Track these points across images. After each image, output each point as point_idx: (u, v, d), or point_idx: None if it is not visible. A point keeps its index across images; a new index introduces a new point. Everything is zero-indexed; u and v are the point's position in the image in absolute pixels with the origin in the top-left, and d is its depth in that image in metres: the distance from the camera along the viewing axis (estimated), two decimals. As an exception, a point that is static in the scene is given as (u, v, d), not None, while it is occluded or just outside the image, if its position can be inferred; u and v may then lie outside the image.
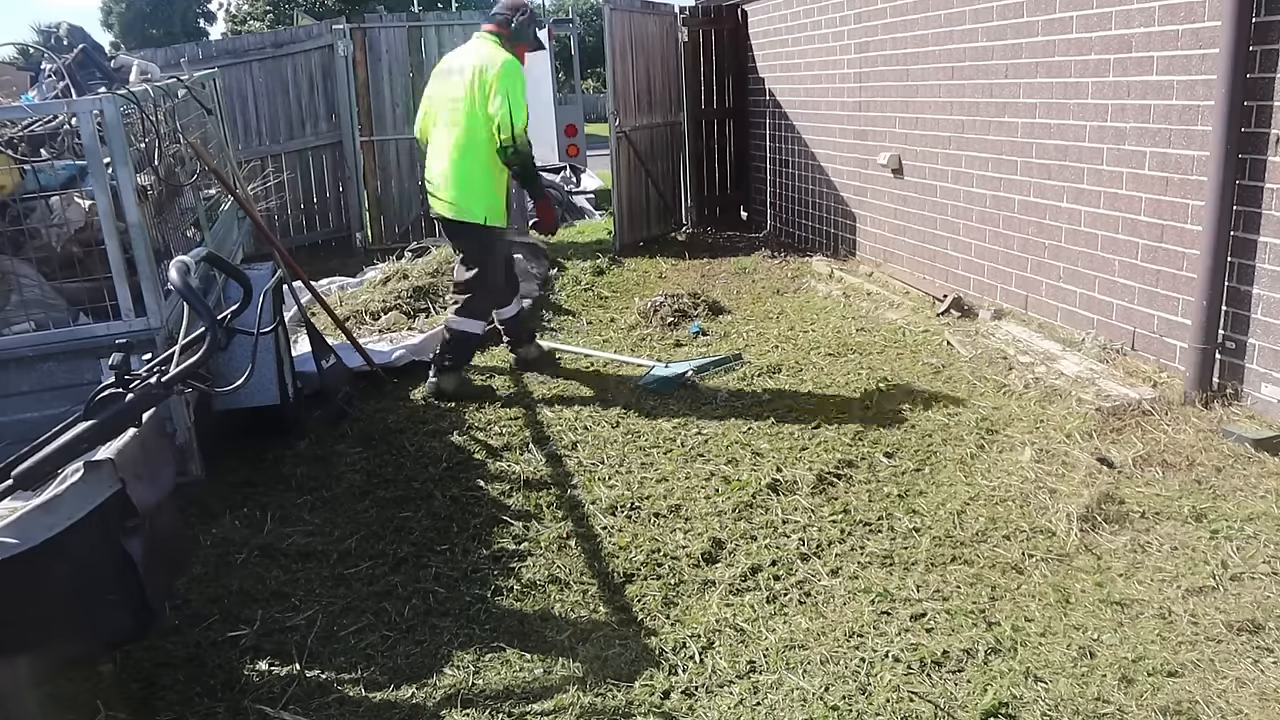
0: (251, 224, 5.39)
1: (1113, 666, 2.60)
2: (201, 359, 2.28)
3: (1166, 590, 2.95)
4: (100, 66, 4.39)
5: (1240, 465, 3.68)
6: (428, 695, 2.66)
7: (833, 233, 8.01)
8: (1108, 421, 4.11)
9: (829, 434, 4.26)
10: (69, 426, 2.27)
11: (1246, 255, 4.03)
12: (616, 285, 7.49)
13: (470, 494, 3.89)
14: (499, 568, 3.32)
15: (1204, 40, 4.14)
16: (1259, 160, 3.94)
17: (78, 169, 3.57)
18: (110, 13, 46.54)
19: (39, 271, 3.46)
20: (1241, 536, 3.20)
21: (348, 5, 35.52)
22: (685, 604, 3.04)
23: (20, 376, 3.24)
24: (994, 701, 2.47)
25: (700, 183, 9.84)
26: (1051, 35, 5.09)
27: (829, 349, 5.48)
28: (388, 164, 9.47)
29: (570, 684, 2.66)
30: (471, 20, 9.78)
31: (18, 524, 2.09)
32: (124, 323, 3.26)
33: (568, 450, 4.28)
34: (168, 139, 4.18)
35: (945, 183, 6.23)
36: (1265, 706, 2.42)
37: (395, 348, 5.84)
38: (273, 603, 3.15)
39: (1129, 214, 4.68)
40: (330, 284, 7.31)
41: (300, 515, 3.77)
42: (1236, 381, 4.14)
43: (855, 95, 7.33)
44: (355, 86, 9.21)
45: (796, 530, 3.45)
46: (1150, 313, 4.61)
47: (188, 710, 2.62)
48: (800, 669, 2.68)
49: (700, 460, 4.08)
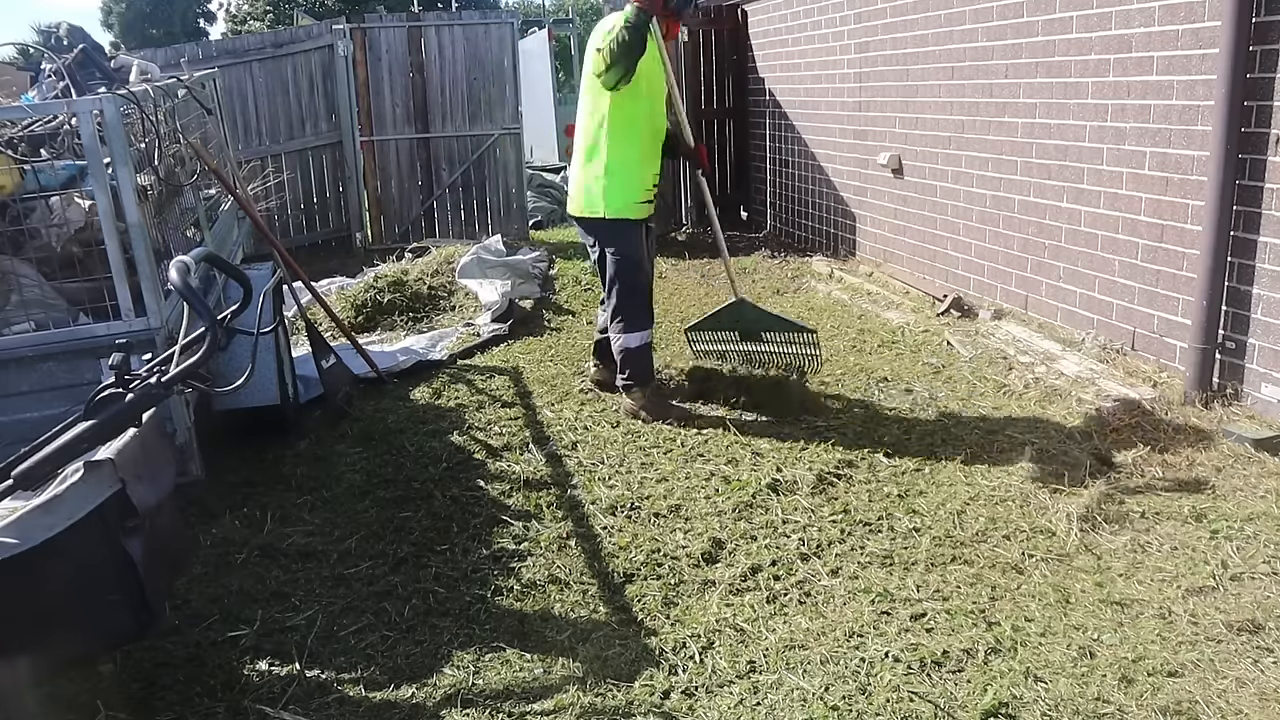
0: (251, 224, 5.39)
1: (1113, 666, 2.60)
2: (201, 359, 2.28)
3: (1166, 590, 2.95)
4: (100, 66, 4.40)
5: (1240, 465, 3.68)
6: (428, 695, 2.66)
7: (833, 233, 8.01)
8: (1108, 421, 4.11)
9: (829, 434, 4.26)
10: (69, 426, 2.27)
11: (1246, 255, 4.03)
12: (616, 285, 7.48)
13: (470, 494, 3.89)
14: (499, 568, 3.32)
15: (1204, 40, 4.14)
16: (1259, 160, 3.94)
17: (78, 169, 3.57)
18: (110, 13, 46.53)
19: (39, 271, 3.47)
20: (1241, 536, 3.20)
21: (348, 5, 35.50)
22: (685, 604, 3.04)
23: (20, 376, 3.24)
24: (994, 701, 2.46)
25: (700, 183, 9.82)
26: (1051, 35, 5.09)
27: (829, 349, 5.48)
28: (388, 164, 9.47)
29: (570, 684, 2.66)
30: (471, 20, 9.80)
31: (18, 524, 2.09)
32: (124, 323, 3.26)
33: (568, 450, 4.28)
34: (168, 139, 4.19)
35: (945, 183, 6.23)
36: (1265, 706, 2.42)
37: (397, 349, 5.84)
38: (273, 603, 3.15)
39: (1129, 214, 4.68)
40: (330, 284, 7.31)
41: (300, 515, 3.77)
42: (1236, 381, 4.14)
43: (855, 95, 7.33)
44: (355, 86, 9.21)
45: (796, 530, 3.45)
46: (1150, 313, 4.61)
47: (188, 710, 2.62)
48: (800, 669, 2.68)
49: (700, 460, 4.08)
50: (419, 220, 9.59)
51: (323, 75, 9.13)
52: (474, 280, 6.95)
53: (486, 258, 7.34)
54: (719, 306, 5.00)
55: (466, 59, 9.37)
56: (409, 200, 9.57)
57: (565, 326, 6.39)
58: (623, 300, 4.45)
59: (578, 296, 7.16)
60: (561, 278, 7.67)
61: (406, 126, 9.41)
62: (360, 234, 9.51)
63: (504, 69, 9.45)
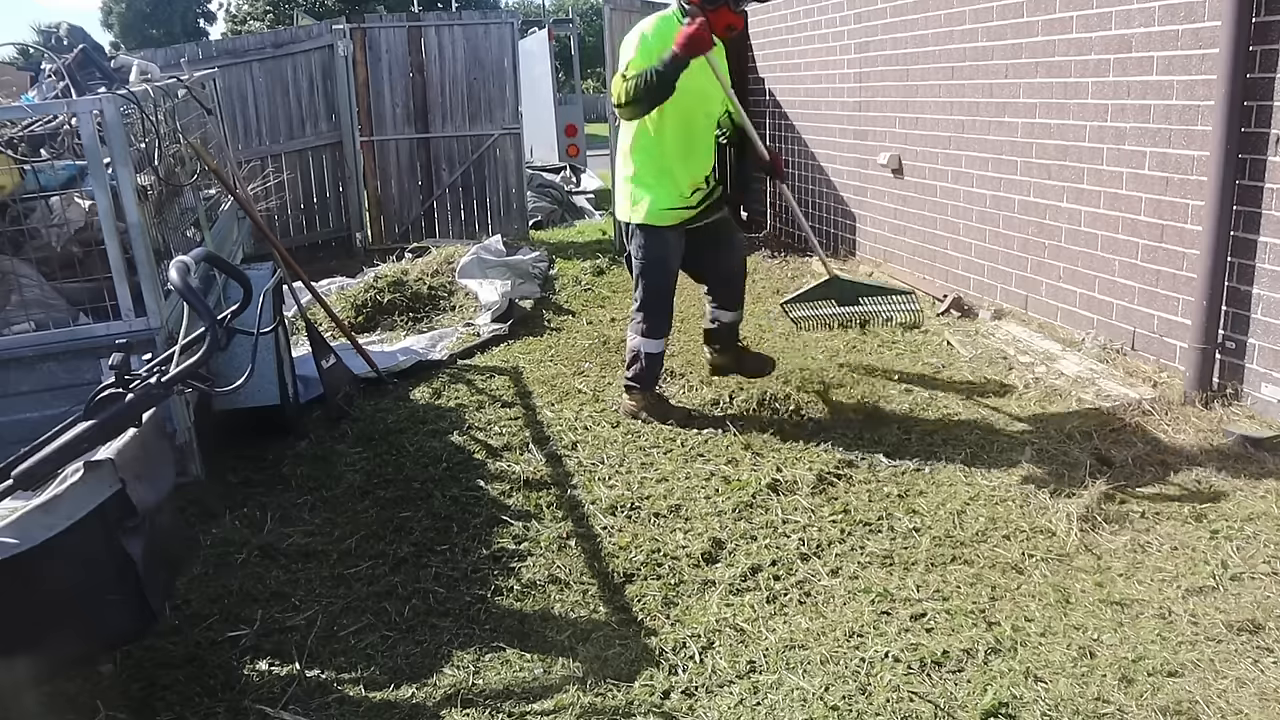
0: (251, 224, 5.39)
1: (1113, 666, 2.60)
2: (201, 359, 2.28)
3: (1166, 590, 2.95)
4: (100, 67, 4.40)
5: (1240, 465, 3.68)
6: (428, 695, 2.66)
7: (832, 233, 8.01)
8: (1108, 421, 4.11)
9: (829, 434, 4.26)
10: (69, 426, 2.27)
11: (1246, 255, 4.03)
12: (616, 285, 7.48)
13: (470, 494, 3.90)
14: (499, 568, 3.32)
15: (1204, 40, 4.14)
16: (1259, 160, 3.94)
17: (78, 169, 3.57)
18: (110, 13, 46.57)
19: (39, 271, 3.47)
20: (1241, 536, 3.20)
21: (348, 5, 35.55)
22: (685, 604, 3.04)
23: (20, 376, 3.24)
24: (994, 701, 2.46)
25: (700, 183, 9.82)
26: (1051, 35, 5.09)
27: (825, 350, 5.48)
28: (388, 164, 9.47)
29: (570, 684, 2.66)
30: (471, 20, 9.80)
31: (18, 524, 2.09)
32: (124, 323, 3.27)
33: (568, 450, 4.28)
34: (168, 139, 4.19)
35: (945, 183, 6.23)
36: (1265, 706, 2.42)
37: (398, 349, 5.84)
38: (273, 603, 3.15)
39: (1129, 214, 4.68)
40: (330, 284, 7.32)
41: (300, 515, 3.77)
42: (1236, 381, 4.14)
43: (855, 95, 7.33)
44: (355, 86, 9.21)
45: (796, 530, 3.45)
46: (1150, 313, 4.61)
47: (188, 710, 2.62)
48: (800, 669, 2.68)
49: (700, 460, 4.08)
50: (419, 220, 9.59)
51: (323, 75, 9.13)
52: (474, 280, 6.96)
53: (486, 258, 7.34)
54: (813, 283, 5.53)
55: (466, 59, 9.37)
56: (409, 200, 9.57)
57: (565, 326, 6.39)
58: (646, 301, 4.46)
59: (578, 296, 7.16)
60: (561, 278, 7.67)
61: (406, 126, 9.41)
62: (360, 234, 9.51)
63: (504, 69, 9.45)
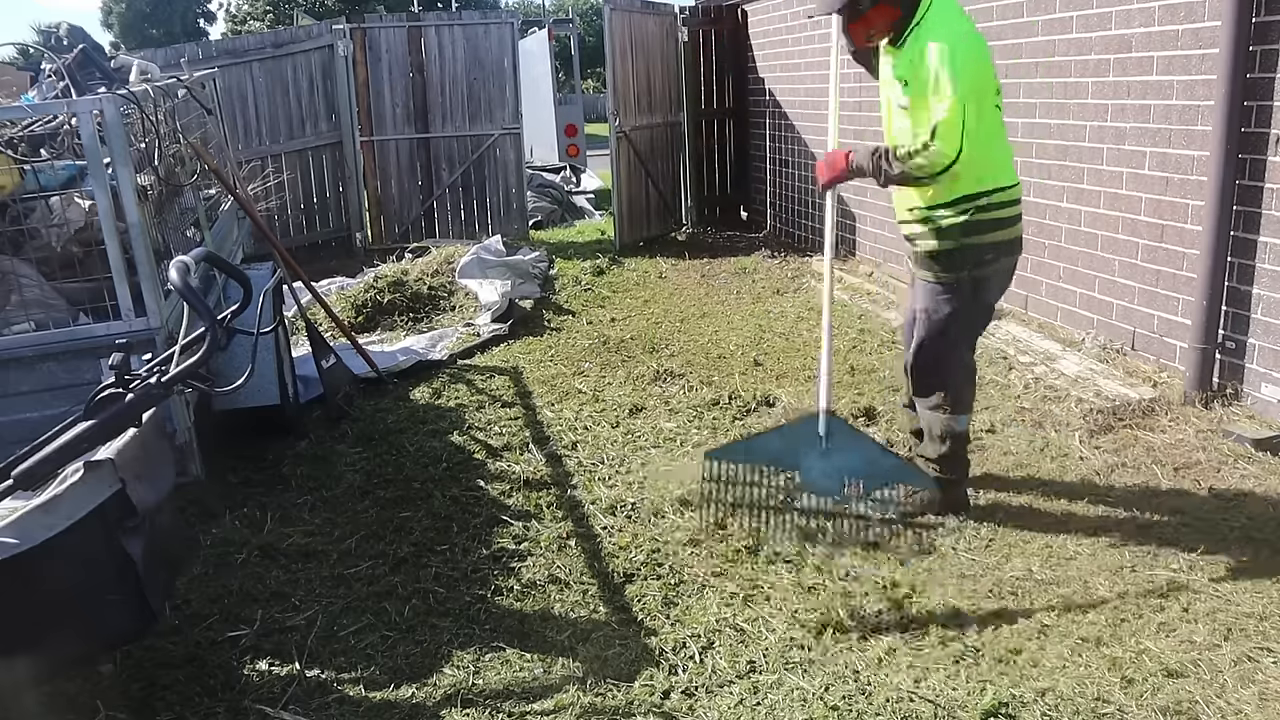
0: (251, 224, 5.39)
1: (1113, 667, 2.60)
2: (201, 359, 2.28)
3: (1166, 590, 2.94)
4: (100, 66, 4.39)
5: (1240, 465, 3.68)
6: (428, 695, 2.66)
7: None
8: (1108, 421, 4.11)
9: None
10: (69, 426, 2.27)
11: (1246, 255, 4.03)
12: (616, 285, 7.49)
13: (470, 494, 3.89)
14: (499, 568, 3.32)
15: (1204, 40, 4.14)
16: (1259, 160, 3.94)
17: (78, 169, 3.57)
18: (110, 13, 46.56)
19: (39, 271, 3.47)
20: (1241, 536, 3.20)
21: (348, 5, 35.54)
22: (685, 604, 3.04)
23: (20, 376, 3.24)
24: (994, 701, 2.46)
25: (700, 183, 9.84)
26: (1051, 35, 5.09)
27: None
28: (388, 164, 9.46)
29: (570, 684, 2.66)
30: (471, 20, 9.80)
31: (18, 524, 2.09)
32: (124, 323, 3.26)
33: (568, 450, 4.28)
34: (168, 139, 4.19)
35: (945, 183, 6.22)
36: (1265, 706, 2.42)
37: (398, 349, 5.84)
38: (273, 603, 3.15)
39: (1129, 214, 4.68)
40: (330, 284, 7.31)
41: (300, 515, 3.77)
42: (1236, 381, 4.14)
43: (855, 95, 7.33)
44: (355, 86, 9.20)
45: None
46: (1150, 313, 4.61)
47: (188, 710, 2.62)
48: (800, 669, 2.67)
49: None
50: (419, 220, 9.58)
51: (323, 75, 9.12)
52: (474, 280, 6.96)
53: (486, 258, 7.34)
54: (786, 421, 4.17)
55: (466, 59, 9.36)
56: (409, 200, 9.57)
57: (565, 326, 6.39)
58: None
59: (578, 296, 7.16)
60: (561, 278, 7.67)
61: (406, 126, 9.40)
62: (360, 234, 9.50)
63: (504, 69, 9.45)
